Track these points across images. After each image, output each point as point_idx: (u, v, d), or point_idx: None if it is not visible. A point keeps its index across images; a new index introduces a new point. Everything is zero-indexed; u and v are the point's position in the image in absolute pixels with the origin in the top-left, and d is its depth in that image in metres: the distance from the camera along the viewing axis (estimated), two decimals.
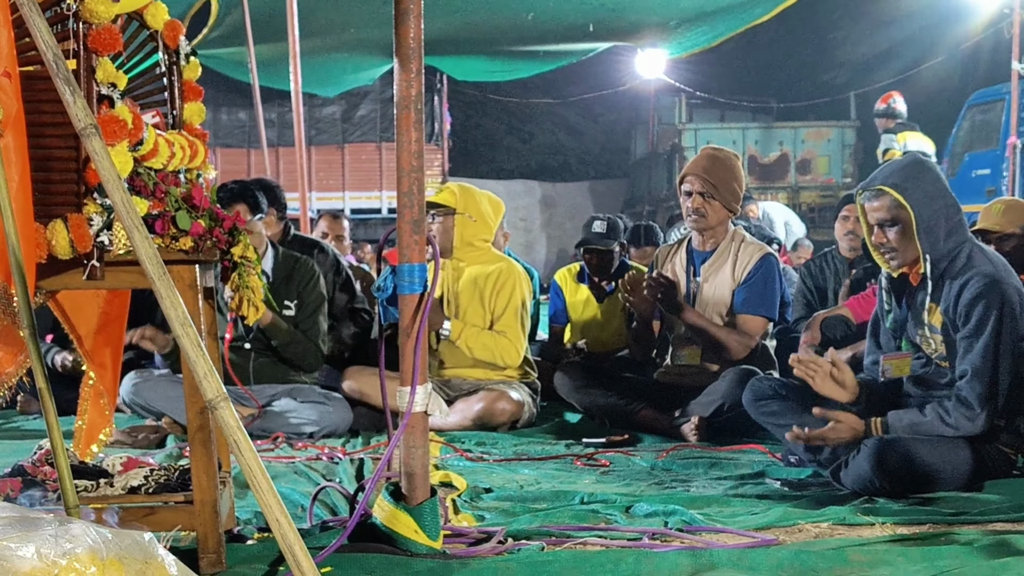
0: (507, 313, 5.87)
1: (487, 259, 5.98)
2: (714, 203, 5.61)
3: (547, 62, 15.17)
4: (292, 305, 5.83)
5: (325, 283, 6.17)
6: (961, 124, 17.32)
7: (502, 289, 5.87)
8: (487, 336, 5.84)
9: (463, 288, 5.92)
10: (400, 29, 3.11)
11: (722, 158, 5.71)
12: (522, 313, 5.93)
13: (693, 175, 5.64)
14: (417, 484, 3.17)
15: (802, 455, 4.50)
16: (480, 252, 5.98)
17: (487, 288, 5.88)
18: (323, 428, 5.57)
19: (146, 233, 2.46)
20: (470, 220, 5.91)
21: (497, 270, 5.92)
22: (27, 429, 5.90)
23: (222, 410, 2.37)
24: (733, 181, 5.65)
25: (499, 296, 5.87)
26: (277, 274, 5.85)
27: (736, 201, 5.67)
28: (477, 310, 5.89)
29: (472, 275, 5.92)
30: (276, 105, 18.35)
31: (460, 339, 5.80)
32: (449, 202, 5.91)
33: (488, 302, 5.87)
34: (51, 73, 2.48)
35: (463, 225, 5.92)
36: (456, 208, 5.90)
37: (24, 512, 2.16)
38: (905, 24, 23.42)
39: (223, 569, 2.95)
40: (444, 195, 5.95)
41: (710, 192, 5.59)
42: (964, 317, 3.95)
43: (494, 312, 5.87)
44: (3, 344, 2.83)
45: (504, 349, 5.85)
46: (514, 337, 5.89)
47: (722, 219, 5.68)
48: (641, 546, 3.27)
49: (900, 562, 3.01)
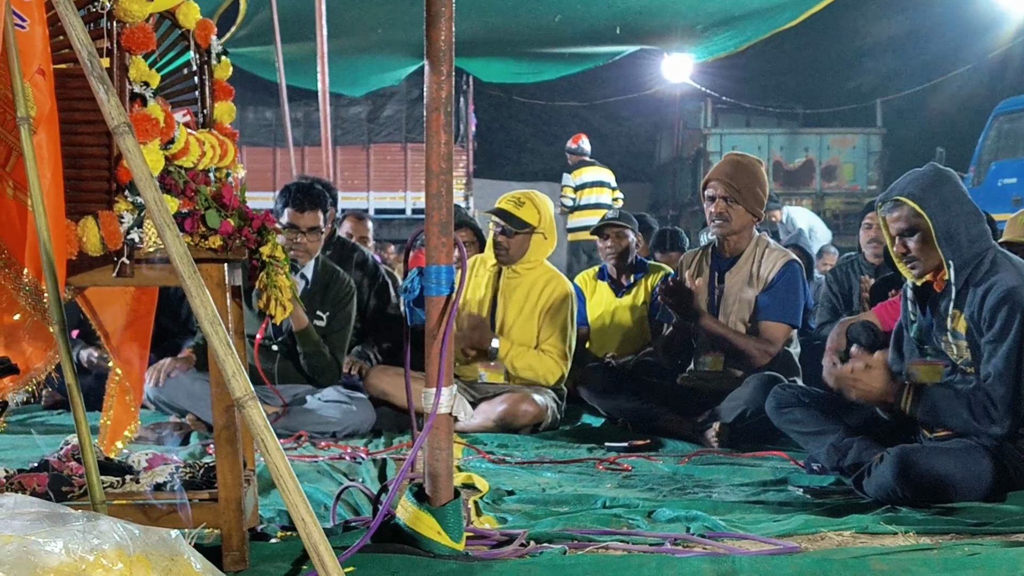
0: (555, 333, 5.90)
1: (541, 272, 6.01)
2: (737, 208, 5.61)
3: (573, 65, 15.18)
4: (324, 316, 5.85)
5: (363, 286, 6.21)
6: (988, 133, 17.24)
7: (553, 305, 5.91)
8: (532, 356, 5.87)
9: (514, 296, 5.95)
10: (431, 31, 3.11)
11: (746, 164, 5.71)
12: (569, 332, 5.97)
13: (716, 180, 5.65)
14: (441, 485, 3.17)
15: (824, 463, 4.49)
16: (538, 265, 6.02)
17: (540, 302, 5.91)
18: (346, 428, 5.58)
19: (177, 231, 2.47)
20: (543, 239, 5.94)
21: (551, 285, 5.96)
22: (52, 423, 5.93)
23: (250, 408, 2.38)
24: (756, 186, 5.65)
25: (550, 313, 5.90)
26: (316, 282, 5.87)
27: (760, 206, 5.67)
28: (526, 323, 5.93)
29: (526, 287, 5.95)
30: (302, 104, 18.36)
31: (507, 358, 5.83)
32: (532, 220, 5.93)
33: (538, 316, 5.90)
34: (85, 71, 2.49)
35: (537, 244, 5.95)
36: (537, 227, 5.91)
37: (53, 507, 2.18)
38: (933, 32, 23.35)
39: (246, 567, 2.96)
40: (528, 211, 5.94)
41: (733, 197, 5.59)
42: (988, 322, 3.94)
43: (541, 328, 5.90)
44: (33, 339, 2.86)
45: (548, 369, 5.89)
46: (559, 357, 5.93)
47: (746, 224, 5.68)
48: (663, 551, 3.26)
49: (923, 571, 3.00)
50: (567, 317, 5.95)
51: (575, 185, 14.99)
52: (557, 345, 5.92)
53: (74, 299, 3.04)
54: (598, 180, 15.06)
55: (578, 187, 14.97)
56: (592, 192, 14.90)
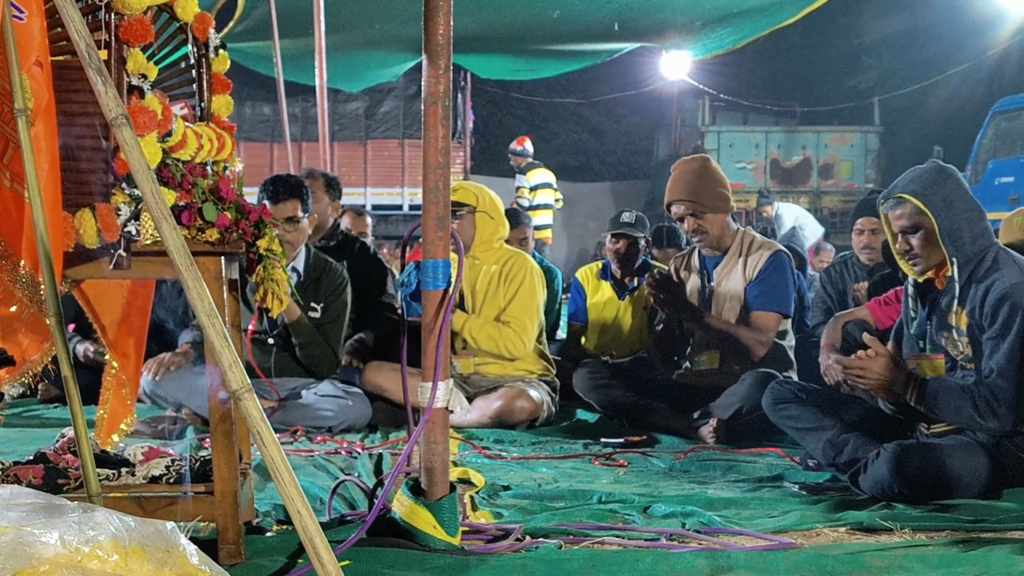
0: (514, 303, 5.84)
1: (501, 255, 5.98)
2: (707, 217, 5.60)
3: (571, 62, 15.17)
4: (318, 308, 5.84)
5: (364, 277, 6.20)
6: (985, 132, 17.27)
7: (512, 279, 5.85)
8: (491, 327, 5.82)
9: (480, 285, 5.91)
10: (430, 25, 3.11)
11: (696, 170, 5.68)
12: (529, 304, 5.88)
13: (677, 201, 5.64)
14: (437, 480, 3.18)
15: (820, 459, 4.49)
16: (495, 250, 5.97)
17: (499, 280, 5.87)
18: (342, 422, 5.58)
19: (174, 224, 2.47)
20: (489, 218, 5.90)
21: (509, 263, 5.92)
22: (48, 417, 5.93)
23: (246, 401, 2.38)
24: (716, 187, 5.64)
25: (509, 285, 5.85)
26: (308, 275, 5.86)
27: (727, 202, 5.67)
28: (492, 307, 5.89)
29: (488, 272, 5.92)
30: (300, 100, 18.35)
31: (463, 330, 5.80)
32: (468, 200, 5.88)
33: (500, 294, 5.87)
34: (83, 63, 2.49)
35: (483, 223, 5.90)
36: (476, 206, 5.89)
37: (49, 499, 2.18)
38: (931, 30, 23.36)
39: (242, 560, 2.96)
40: (462, 193, 5.91)
41: (699, 211, 5.58)
42: (990, 318, 3.94)
43: (503, 302, 5.86)
44: (29, 331, 2.85)
45: (508, 339, 5.81)
46: (519, 328, 5.84)
47: (723, 224, 5.67)
48: (659, 547, 3.26)
49: (918, 568, 3.00)
50: (531, 290, 5.88)
51: (530, 186, 15.38)
52: (516, 316, 5.83)
53: (71, 292, 3.03)
54: (546, 181, 15.81)
55: (532, 188, 15.39)
56: (543, 192, 15.27)
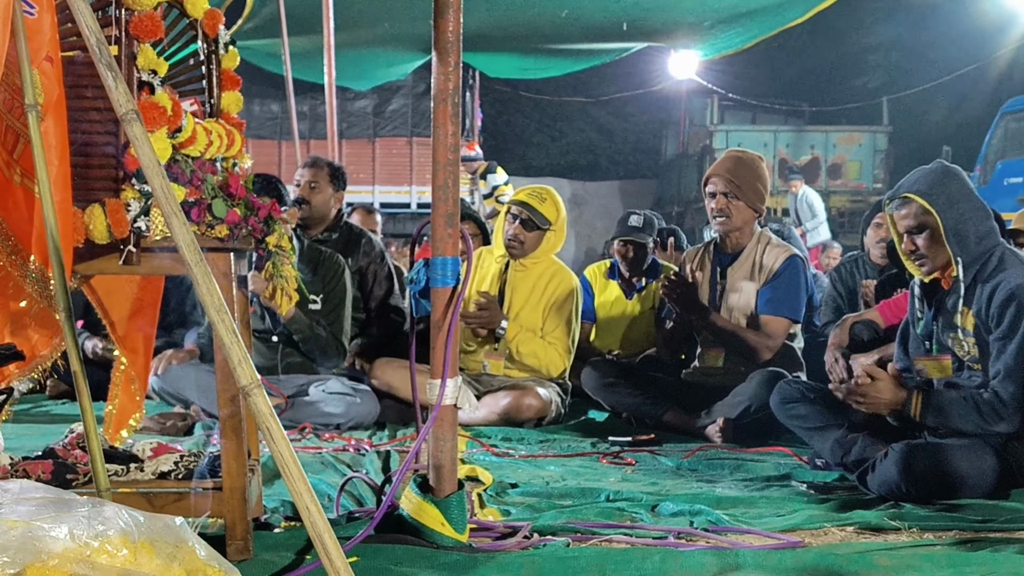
0: (560, 326, 5.93)
1: (549, 267, 6.05)
2: (738, 203, 5.60)
3: (580, 61, 15.18)
4: (318, 299, 5.83)
5: (368, 274, 6.19)
6: (994, 132, 17.24)
7: (560, 300, 5.93)
8: (538, 344, 5.89)
9: (520, 288, 5.97)
10: (440, 21, 3.11)
11: (746, 160, 5.71)
12: (574, 327, 6.01)
13: (717, 176, 5.64)
14: (445, 477, 3.18)
15: (828, 459, 4.48)
16: (546, 259, 6.04)
17: (543, 292, 5.93)
18: (350, 420, 5.58)
19: (184, 220, 2.47)
20: (555, 235, 6.02)
21: (556, 278, 5.99)
22: (56, 413, 5.93)
23: (255, 396, 2.38)
24: (757, 181, 5.64)
25: (555, 307, 5.92)
26: (302, 267, 5.85)
27: (761, 202, 5.66)
28: (531, 313, 5.94)
29: (532, 280, 5.97)
30: (308, 98, 18.35)
31: (513, 341, 5.84)
32: (552, 217, 5.99)
33: (543, 309, 5.92)
34: (94, 58, 2.49)
35: (550, 240, 6.01)
36: (554, 225, 5.96)
37: (58, 493, 2.18)
38: (940, 30, 23.33)
39: (250, 556, 2.96)
40: (549, 208, 6.00)
41: (734, 192, 5.58)
42: (997, 319, 3.93)
43: (546, 320, 5.92)
44: (39, 327, 2.86)
45: (551, 360, 5.92)
46: (563, 350, 5.96)
47: (747, 219, 5.67)
48: (667, 545, 3.26)
49: (926, 567, 3.00)
50: (571, 312, 5.97)
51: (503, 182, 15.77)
52: (561, 338, 5.93)
53: (80, 287, 3.04)
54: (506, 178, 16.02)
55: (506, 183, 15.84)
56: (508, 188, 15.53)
